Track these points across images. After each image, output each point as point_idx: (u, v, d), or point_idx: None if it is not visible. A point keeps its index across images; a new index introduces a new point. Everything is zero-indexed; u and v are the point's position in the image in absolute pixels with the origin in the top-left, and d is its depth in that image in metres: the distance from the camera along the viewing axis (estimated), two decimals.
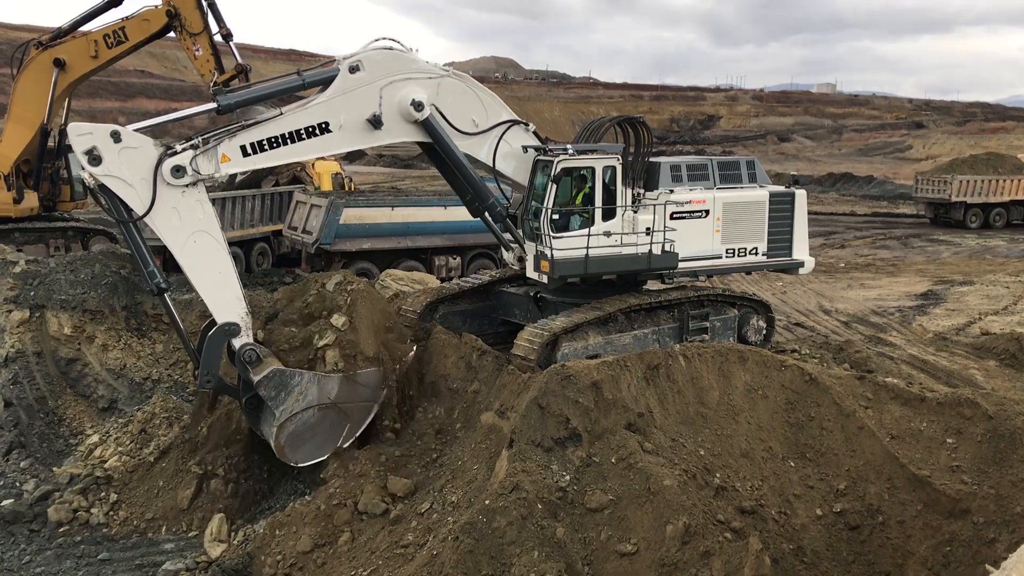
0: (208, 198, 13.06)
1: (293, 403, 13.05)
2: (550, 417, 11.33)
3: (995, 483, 11.05)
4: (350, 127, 13.54)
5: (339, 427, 13.44)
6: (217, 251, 13.04)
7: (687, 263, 15.28)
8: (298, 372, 13.19)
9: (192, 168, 12.59)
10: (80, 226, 27.60)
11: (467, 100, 14.44)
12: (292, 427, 13.12)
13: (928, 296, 28.61)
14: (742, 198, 15.85)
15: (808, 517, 11.28)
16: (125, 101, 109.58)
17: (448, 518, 11.05)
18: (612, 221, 14.65)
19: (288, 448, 13.15)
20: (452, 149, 14.22)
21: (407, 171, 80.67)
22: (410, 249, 24.99)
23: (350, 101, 13.46)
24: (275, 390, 13.02)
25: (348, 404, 13.43)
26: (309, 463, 13.38)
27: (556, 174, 14.25)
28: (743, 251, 15.91)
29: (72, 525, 13.37)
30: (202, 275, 13.08)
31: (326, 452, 13.29)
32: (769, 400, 12.49)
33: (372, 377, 13.57)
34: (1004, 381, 17.47)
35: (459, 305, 16.57)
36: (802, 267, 16.57)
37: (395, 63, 13.75)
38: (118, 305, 18.97)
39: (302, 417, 13.16)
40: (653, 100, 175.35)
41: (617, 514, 10.58)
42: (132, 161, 12.34)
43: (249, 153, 13.06)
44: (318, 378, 13.24)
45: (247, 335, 13.23)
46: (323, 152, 14.13)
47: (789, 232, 16.30)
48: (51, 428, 16.58)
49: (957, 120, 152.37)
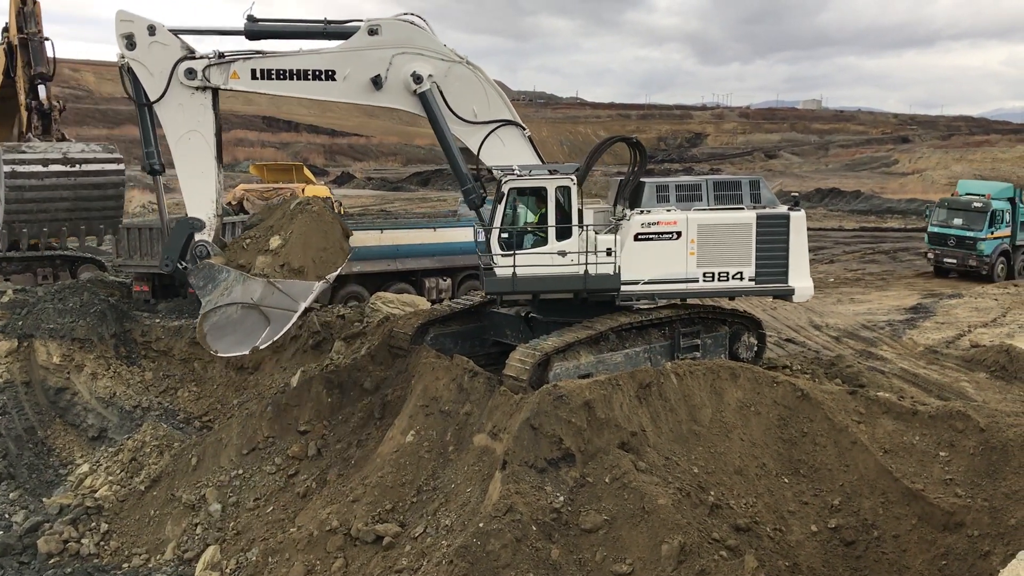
0: (213, 109, 14.74)
1: (218, 296, 14.28)
2: (543, 438, 11.30)
3: (989, 495, 11.06)
4: (353, 81, 14.75)
5: (259, 328, 14.26)
6: (205, 154, 14.74)
7: (653, 286, 14.83)
8: (226, 269, 14.45)
9: (203, 75, 14.40)
10: (68, 255, 27.46)
11: (472, 90, 15.01)
12: (215, 318, 14.22)
13: (917, 309, 28.70)
14: (721, 220, 14.91)
15: (803, 533, 11.26)
16: (112, 128, 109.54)
17: (442, 542, 10.99)
18: (568, 241, 14.53)
19: (210, 337, 14.21)
20: (443, 129, 14.92)
21: (396, 194, 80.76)
22: (400, 271, 24.93)
23: (360, 58, 14.66)
24: (203, 281, 14.41)
25: (269, 308, 14.25)
26: (228, 355, 14.82)
27: (502, 194, 14.46)
28: (724, 275, 14.93)
29: (63, 556, 13.24)
30: (187, 170, 14.70)
31: (245, 349, 14.34)
32: (762, 416, 12.50)
33: (294, 287, 14.35)
34: (995, 393, 17.50)
35: (450, 327, 16.53)
36: (792, 294, 15.14)
37: (414, 36, 14.75)
38: (107, 333, 18.89)
39: (225, 312, 14.24)
40: (640, 119, 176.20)
41: (612, 534, 10.54)
42: (158, 54, 14.33)
43: (257, 77, 14.65)
44: (244, 278, 14.32)
45: (208, 234, 14.75)
46: (321, 96, 15.26)
47: (784, 256, 15.01)
48: (40, 458, 16.45)
49: (942, 134, 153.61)
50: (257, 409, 15.39)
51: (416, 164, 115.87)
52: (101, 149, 17.59)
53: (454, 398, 13.56)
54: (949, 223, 35.13)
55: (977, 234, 33.95)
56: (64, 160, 16.79)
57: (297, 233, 14.96)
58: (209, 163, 14.78)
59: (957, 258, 34.60)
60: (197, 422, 17.75)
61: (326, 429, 14.65)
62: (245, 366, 19.21)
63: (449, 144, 15.10)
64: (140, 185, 73.46)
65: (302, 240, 14.93)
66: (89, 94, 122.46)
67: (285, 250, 14.72)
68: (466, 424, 13.13)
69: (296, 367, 18.08)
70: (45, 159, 16.67)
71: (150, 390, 18.34)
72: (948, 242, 34.91)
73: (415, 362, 14.84)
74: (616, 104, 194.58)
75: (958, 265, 34.69)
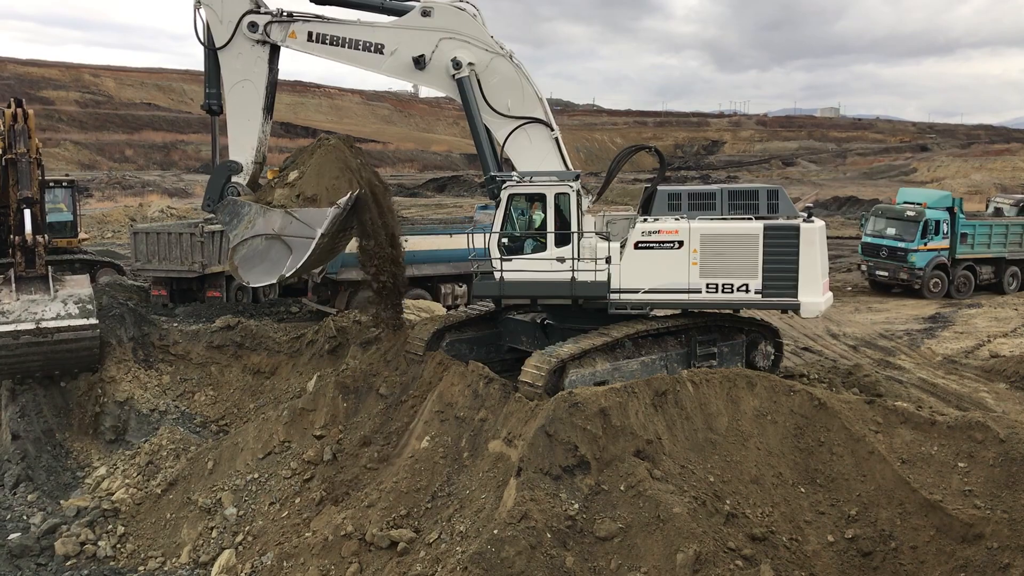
0: (270, 64, 15.99)
1: (243, 230, 15.39)
2: (558, 445, 11.27)
3: (1008, 507, 10.94)
4: (399, 58, 15.51)
5: (283, 258, 15.26)
6: (254, 103, 16.06)
7: (653, 295, 14.61)
8: (248, 203, 15.45)
9: (264, 30, 15.73)
10: (88, 258, 27.69)
11: (510, 84, 15.40)
12: (243, 251, 15.44)
13: (936, 319, 28.50)
14: (725, 230, 14.46)
15: (820, 544, 11.17)
16: (132, 134, 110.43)
17: (456, 548, 10.98)
18: (567, 247, 14.59)
19: (241, 269, 15.53)
20: (475, 117, 15.39)
21: (412, 200, 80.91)
22: (416, 277, 24.95)
23: (409, 37, 15.40)
24: (228, 216, 15.61)
25: (290, 237, 15.15)
26: (258, 285, 16.69)
27: (501, 199, 14.63)
28: (729, 287, 14.44)
29: (79, 558, 13.32)
30: (236, 116, 16.18)
31: (272, 278, 15.55)
32: (778, 425, 12.42)
33: (309, 215, 15.05)
34: (1015, 404, 17.36)
35: (466, 333, 16.52)
36: (799, 309, 14.48)
37: (463, 24, 15.30)
38: (125, 337, 19.00)
39: (252, 244, 15.37)
40: (657, 126, 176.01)
41: (627, 542, 10.50)
42: (229, 3, 15.73)
43: (312, 40, 15.72)
44: (264, 210, 15.25)
45: (244, 177, 16.05)
46: (368, 68, 15.90)
47: (793, 269, 14.34)
48: (58, 461, 16.56)
49: (961, 142, 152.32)
50: (273, 414, 15.45)
51: (432, 170, 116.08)
52: (78, 312, 17.71)
53: (469, 404, 13.56)
54: (883, 233, 32.99)
55: (909, 245, 31.82)
56: (36, 332, 16.97)
57: (313, 165, 15.75)
58: (256, 112, 16.04)
59: (888, 271, 32.59)
60: (214, 426, 17.83)
61: (341, 434, 14.68)
62: (262, 370, 19.29)
63: (479, 132, 15.48)
64: (159, 190, 74.05)
65: (316, 171, 15.67)
66: (109, 99, 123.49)
67: (301, 181, 15.56)
68: (481, 430, 13.13)
69: (312, 372, 18.13)
70: (16, 331, 16.84)
71: (167, 393, 18.44)
72: (880, 253, 32.85)
73: (430, 368, 14.86)
74: (633, 111, 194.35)
75: (889, 278, 32.63)
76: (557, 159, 15.52)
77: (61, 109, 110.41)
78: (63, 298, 18.30)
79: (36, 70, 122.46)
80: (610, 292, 14.48)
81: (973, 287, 33.10)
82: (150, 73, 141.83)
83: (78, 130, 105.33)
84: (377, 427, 14.55)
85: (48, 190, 26.30)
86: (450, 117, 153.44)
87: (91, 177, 77.55)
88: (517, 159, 15.64)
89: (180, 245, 24.07)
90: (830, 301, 15.20)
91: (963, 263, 32.79)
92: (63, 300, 18.16)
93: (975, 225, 33.18)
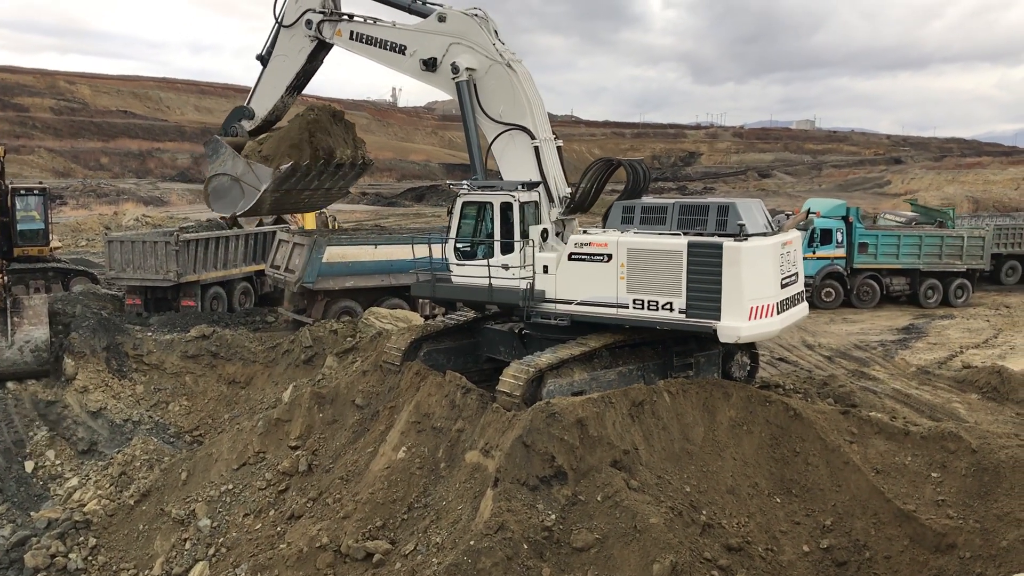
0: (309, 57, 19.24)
1: (217, 165, 19.99)
2: (535, 455, 11.26)
3: (981, 517, 11.04)
4: (415, 59, 16.86)
5: (239, 199, 19.95)
6: (284, 75, 19.64)
7: (585, 307, 14.42)
8: (225, 145, 19.92)
9: (316, 26, 18.68)
10: (61, 267, 27.43)
11: (505, 91, 15.88)
12: (215, 184, 20.13)
13: (910, 330, 28.80)
14: (650, 245, 13.75)
15: (795, 554, 11.22)
16: (107, 141, 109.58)
17: (433, 559, 10.92)
18: (511, 255, 14.88)
19: (211, 198, 20.48)
20: (467, 117, 16.07)
21: (391, 208, 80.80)
22: (394, 287, 24.90)
23: (425, 40, 16.73)
24: (211, 151, 20.31)
25: (245, 184, 19.66)
26: (220, 215, 22.86)
27: (455, 206, 15.20)
28: (654, 304, 13.70)
29: (50, 571, 13.12)
30: (268, 79, 19.91)
31: (227, 212, 21.47)
32: (754, 435, 12.48)
33: (260, 169, 19.65)
34: (987, 414, 17.53)
35: (443, 343, 16.48)
36: (715, 333, 13.08)
37: (470, 30, 16.18)
38: (99, 346, 18.82)
39: (220, 180, 20.01)
40: (635, 137, 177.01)
41: (603, 553, 10.49)
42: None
43: (353, 39, 18.02)
44: (233, 155, 19.81)
45: (251, 125, 20.22)
46: (393, 67, 17.50)
47: (715, 290, 13.08)
48: (28, 472, 16.32)
49: (935, 155, 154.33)
50: (248, 424, 15.32)
51: (411, 180, 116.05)
52: (32, 360, 18.24)
53: (446, 414, 13.52)
54: None
55: None
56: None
57: (283, 130, 19.75)
58: (282, 85, 19.64)
59: None
60: (188, 436, 17.67)
61: (317, 444, 14.58)
62: (237, 380, 19.15)
63: (469, 130, 16.09)
64: (134, 198, 73.51)
65: (281, 135, 19.76)
66: (84, 106, 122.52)
67: (267, 141, 19.63)
68: (458, 441, 13.09)
69: (288, 382, 18.02)
70: None
71: (141, 404, 18.26)
72: None
73: (408, 378, 14.81)
74: (611, 122, 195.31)
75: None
76: (533, 166, 15.58)
77: (36, 116, 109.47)
78: (20, 344, 18.29)
79: (11, 76, 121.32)
80: (536, 301, 14.69)
81: (878, 297, 33.11)
82: (126, 80, 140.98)
83: (53, 137, 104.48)
84: (353, 438, 14.47)
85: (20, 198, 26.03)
86: (428, 127, 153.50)
87: (66, 185, 76.86)
88: (500, 163, 16.12)
89: (155, 254, 23.90)
90: (770, 327, 13.47)
91: (864, 273, 32.81)
92: (19, 347, 18.22)
93: (877, 235, 33.17)
